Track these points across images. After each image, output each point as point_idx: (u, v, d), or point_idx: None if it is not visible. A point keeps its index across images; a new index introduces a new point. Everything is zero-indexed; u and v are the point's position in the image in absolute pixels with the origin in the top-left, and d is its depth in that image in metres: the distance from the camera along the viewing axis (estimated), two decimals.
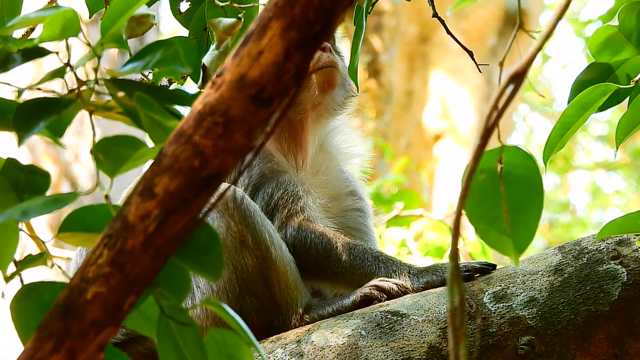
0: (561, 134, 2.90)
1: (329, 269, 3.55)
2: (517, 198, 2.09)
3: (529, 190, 2.09)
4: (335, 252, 3.53)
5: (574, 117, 2.87)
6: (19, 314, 1.95)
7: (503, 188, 2.07)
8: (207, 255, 1.94)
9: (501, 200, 2.07)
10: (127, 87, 1.92)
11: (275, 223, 3.56)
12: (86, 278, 1.88)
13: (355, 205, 3.84)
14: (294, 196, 3.60)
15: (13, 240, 1.94)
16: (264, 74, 1.84)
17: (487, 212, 2.09)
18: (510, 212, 2.08)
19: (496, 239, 2.11)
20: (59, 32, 1.91)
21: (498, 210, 2.08)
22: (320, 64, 3.70)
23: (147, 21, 2.24)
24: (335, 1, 1.81)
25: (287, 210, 3.58)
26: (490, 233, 2.10)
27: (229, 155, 1.86)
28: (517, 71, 1.81)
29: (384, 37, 10.61)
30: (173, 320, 1.96)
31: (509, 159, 2.08)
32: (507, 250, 2.11)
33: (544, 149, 2.93)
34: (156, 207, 1.87)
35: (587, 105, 2.87)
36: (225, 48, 2.48)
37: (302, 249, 3.55)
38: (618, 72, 2.97)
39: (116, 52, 7.47)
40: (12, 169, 2.01)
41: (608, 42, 2.87)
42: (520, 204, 2.09)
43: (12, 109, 1.95)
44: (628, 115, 2.88)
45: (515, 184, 2.09)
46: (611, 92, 2.86)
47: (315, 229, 3.57)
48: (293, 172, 3.70)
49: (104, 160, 1.90)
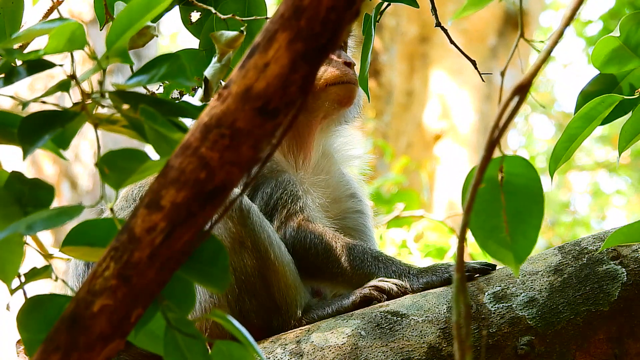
0: (567, 146, 2.90)
1: (328, 269, 3.54)
2: (517, 208, 2.09)
3: (529, 201, 2.09)
4: (334, 252, 3.53)
5: (579, 129, 2.87)
6: (25, 328, 1.95)
7: (503, 198, 2.07)
8: (213, 267, 1.94)
9: (501, 210, 2.07)
10: (132, 99, 1.91)
11: (275, 223, 3.56)
12: (93, 290, 1.88)
13: (356, 207, 3.85)
14: (293, 196, 3.59)
15: (17, 255, 1.94)
16: (270, 86, 1.84)
17: (487, 221, 2.09)
18: (510, 221, 2.08)
19: (496, 249, 2.11)
20: (64, 45, 1.90)
21: (498, 220, 2.08)
22: (346, 79, 3.70)
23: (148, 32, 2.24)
24: (341, 13, 1.81)
25: (286, 210, 3.57)
26: (489, 242, 2.11)
27: (235, 168, 1.86)
28: (521, 83, 1.81)
29: (384, 37, 10.61)
30: (180, 333, 1.96)
31: (510, 168, 2.08)
32: (506, 260, 2.12)
33: (549, 161, 2.93)
34: (163, 220, 1.86)
35: (592, 117, 2.87)
36: (228, 61, 2.48)
37: (301, 249, 3.55)
38: (623, 84, 2.96)
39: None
40: (16, 183, 2.00)
41: (613, 54, 2.86)
42: (520, 214, 2.09)
43: (15, 122, 1.95)
44: (631, 122, 2.88)
45: (516, 194, 2.09)
46: (616, 103, 2.85)
47: (314, 229, 3.56)
48: (292, 172, 3.70)
49: (109, 173, 1.90)
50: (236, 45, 2.49)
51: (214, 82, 2.52)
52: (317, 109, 3.75)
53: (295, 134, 3.78)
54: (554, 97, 16.83)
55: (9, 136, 1.97)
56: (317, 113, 3.77)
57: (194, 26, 3.04)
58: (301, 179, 3.70)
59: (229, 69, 2.56)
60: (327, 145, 3.89)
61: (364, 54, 3.12)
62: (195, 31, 3.04)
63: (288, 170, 3.68)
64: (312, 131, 3.82)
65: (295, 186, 3.63)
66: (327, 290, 3.72)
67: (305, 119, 3.77)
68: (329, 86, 3.70)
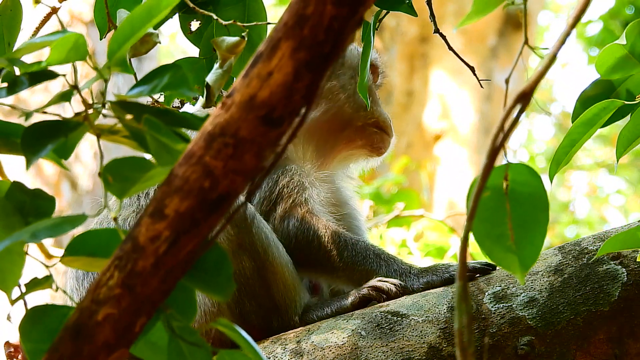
0: (567, 151, 2.91)
1: (329, 262, 3.54)
2: (522, 216, 2.09)
3: (535, 208, 2.09)
4: (337, 246, 3.54)
5: (579, 135, 2.88)
6: (27, 338, 1.95)
7: (508, 206, 2.07)
8: (217, 276, 1.94)
9: (506, 218, 2.07)
10: (135, 109, 1.91)
11: (278, 212, 3.56)
12: (97, 300, 1.88)
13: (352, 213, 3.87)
14: (299, 186, 3.61)
15: (18, 265, 1.94)
16: (274, 94, 1.83)
17: (492, 229, 2.09)
18: (516, 229, 2.08)
19: (502, 256, 2.11)
20: (65, 56, 1.90)
21: (503, 228, 2.08)
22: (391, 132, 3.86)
23: (150, 40, 2.24)
24: (344, 22, 1.81)
25: (291, 200, 3.58)
26: (495, 250, 2.11)
27: (239, 176, 1.86)
28: (524, 91, 1.81)
29: (384, 37, 10.60)
30: (184, 341, 1.96)
31: (515, 176, 2.08)
32: (512, 268, 2.12)
33: (550, 166, 2.95)
34: (167, 229, 1.86)
35: (592, 122, 2.88)
36: (229, 67, 2.48)
37: (304, 240, 3.55)
38: (621, 88, 2.97)
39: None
40: (18, 193, 2.00)
41: (619, 62, 2.87)
42: (525, 222, 2.09)
43: (18, 132, 1.95)
44: (629, 127, 2.88)
45: (521, 202, 2.09)
46: (615, 109, 2.86)
47: (318, 221, 3.57)
48: (300, 163, 3.71)
49: (112, 182, 1.90)
50: (238, 51, 2.49)
51: (216, 88, 2.52)
52: (353, 139, 3.85)
53: (319, 137, 3.81)
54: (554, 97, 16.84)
55: (12, 146, 1.97)
56: (351, 141, 3.86)
57: (193, 35, 3.04)
58: (308, 171, 3.71)
59: (231, 75, 2.56)
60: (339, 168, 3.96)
61: (363, 61, 3.12)
62: (195, 40, 3.05)
63: (296, 161, 3.70)
64: (335, 150, 3.88)
65: (302, 177, 3.64)
66: (324, 285, 3.73)
67: (337, 136, 3.84)
68: (376, 128, 3.83)
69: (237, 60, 2.57)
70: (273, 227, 3.54)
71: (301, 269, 3.56)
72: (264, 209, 3.57)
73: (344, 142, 3.86)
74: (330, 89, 3.80)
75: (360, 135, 3.84)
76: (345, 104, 3.81)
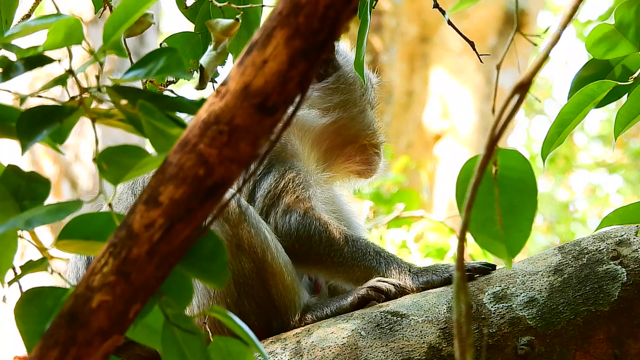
0: (559, 130, 2.91)
1: (330, 258, 3.55)
2: (510, 201, 2.09)
3: (523, 194, 2.09)
4: (338, 242, 3.55)
5: (572, 114, 2.88)
6: (23, 320, 1.95)
7: (497, 191, 2.07)
8: (212, 263, 1.94)
9: (494, 203, 2.07)
10: (130, 94, 1.91)
11: (281, 206, 3.57)
12: (91, 286, 1.88)
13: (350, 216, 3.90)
14: (304, 182, 3.64)
15: (11, 249, 1.94)
16: (269, 82, 1.84)
17: (480, 214, 2.09)
18: (504, 215, 2.08)
19: (488, 241, 2.11)
20: (61, 40, 1.90)
21: (491, 213, 2.08)
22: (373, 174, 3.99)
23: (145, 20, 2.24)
24: (339, 10, 1.81)
25: (295, 195, 3.60)
26: (482, 235, 2.10)
27: (233, 164, 1.86)
28: (522, 81, 1.81)
29: (384, 37, 10.60)
30: (178, 328, 1.96)
31: (504, 162, 2.08)
32: (499, 253, 2.11)
33: (542, 146, 2.94)
34: (161, 216, 1.87)
35: (585, 102, 2.88)
36: (223, 49, 2.48)
37: (305, 235, 3.56)
38: (617, 69, 2.97)
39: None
40: (13, 176, 2.00)
41: (604, 38, 2.87)
42: (513, 207, 2.08)
43: (14, 116, 1.95)
44: (626, 107, 2.88)
45: (510, 187, 2.09)
46: (610, 89, 2.86)
47: (320, 217, 3.59)
48: (306, 163, 3.73)
49: (107, 169, 1.90)
50: (232, 34, 2.49)
51: (210, 70, 2.52)
52: (353, 155, 3.94)
53: (326, 144, 3.86)
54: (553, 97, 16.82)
55: (8, 130, 1.97)
56: (350, 157, 3.95)
57: (189, 11, 3.05)
58: (312, 170, 3.73)
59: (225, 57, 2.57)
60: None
61: (359, 40, 3.12)
62: (190, 15, 3.05)
63: (302, 160, 3.72)
64: (336, 160, 3.94)
65: (308, 174, 3.66)
66: (323, 281, 3.74)
67: (341, 148, 3.92)
68: (376, 150, 3.98)
69: (232, 41, 2.57)
70: (274, 221, 3.56)
71: (301, 264, 3.57)
72: (267, 202, 3.58)
73: (344, 156, 3.91)
74: (344, 101, 3.88)
75: (360, 154, 3.93)
76: (355, 118, 3.91)
